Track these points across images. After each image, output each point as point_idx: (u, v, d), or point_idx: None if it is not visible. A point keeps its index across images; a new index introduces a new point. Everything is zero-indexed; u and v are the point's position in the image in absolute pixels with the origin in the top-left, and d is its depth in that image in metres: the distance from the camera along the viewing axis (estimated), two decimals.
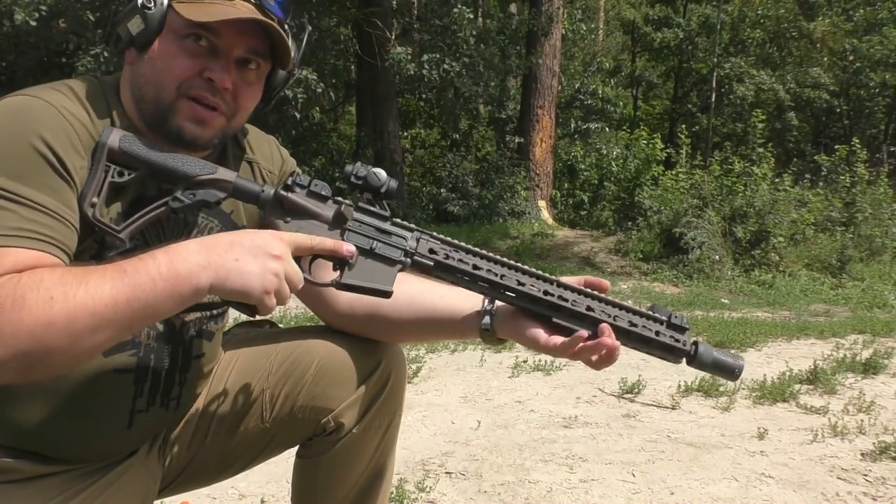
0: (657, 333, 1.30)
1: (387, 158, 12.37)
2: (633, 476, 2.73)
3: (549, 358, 1.39)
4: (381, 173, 1.25)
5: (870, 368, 4.31)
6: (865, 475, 2.77)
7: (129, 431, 1.29)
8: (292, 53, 1.29)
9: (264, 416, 1.42)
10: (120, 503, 1.28)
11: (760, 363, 4.55)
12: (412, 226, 1.29)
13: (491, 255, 1.30)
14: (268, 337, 1.49)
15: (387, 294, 1.25)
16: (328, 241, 1.21)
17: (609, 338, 1.24)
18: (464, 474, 2.70)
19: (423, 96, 16.05)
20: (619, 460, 2.87)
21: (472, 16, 11.60)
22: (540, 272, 1.31)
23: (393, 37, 11.18)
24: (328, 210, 1.25)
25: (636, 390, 3.78)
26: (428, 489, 2.53)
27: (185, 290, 1.05)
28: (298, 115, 10.30)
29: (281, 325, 1.61)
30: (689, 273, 9.41)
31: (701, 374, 2.85)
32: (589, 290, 1.30)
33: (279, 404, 1.40)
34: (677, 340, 1.30)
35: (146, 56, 1.21)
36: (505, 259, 1.30)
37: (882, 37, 18.72)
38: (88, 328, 1.00)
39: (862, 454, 2.98)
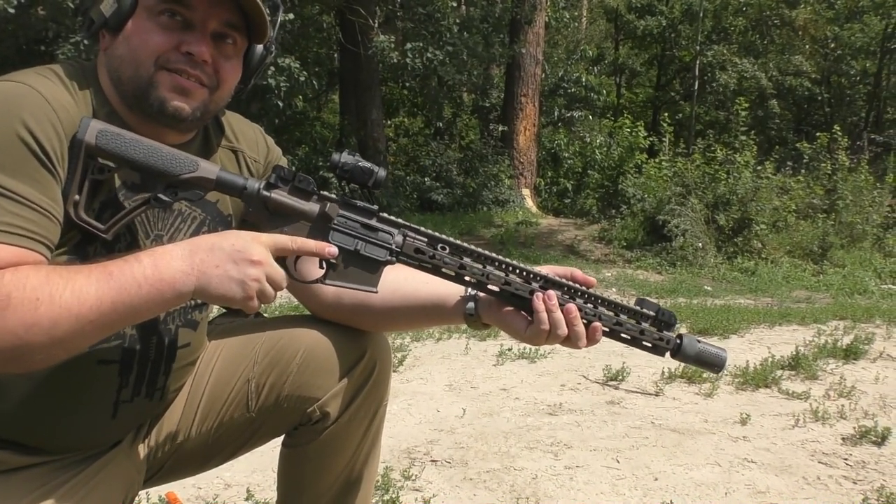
0: (641, 332, 1.32)
1: (370, 147, 12.33)
2: (618, 462, 2.75)
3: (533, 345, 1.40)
4: (369, 164, 1.24)
5: (850, 354, 4.36)
6: (846, 459, 2.81)
7: (114, 422, 1.28)
8: (268, 26, 1.28)
9: (250, 405, 1.41)
10: (104, 494, 1.28)
11: (743, 349, 4.59)
12: (399, 221, 1.28)
13: (478, 250, 1.29)
14: (253, 326, 1.49)
15: (371, 292, 1.27)
16: (310, 243, 1.20)
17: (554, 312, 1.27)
18: (449, 462, 2.71)
19: (407, 84, 15.96)
20: (604, 447, 2.89)
21: (455, 3, 11.52)
22: (528, 267, 1.31)
23: (376, 25, 11.11)
24: (313, 207, 1.24)
25: (620, 377, 3.80)
26: (414, 477, 2.53)
27: (168, 295, 1.07)
28: (281, 104, 10.23)
29: (266, 315, 1.60)
30: (673, 260, 9.45)
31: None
32: (577, 286, 1.31)
33: (265, 394, 1.40)
34: (661, 339, 1.33)
35: (120, 37, 1.20)
36: (493, 255, 1.30)
37: (863, 24, 18.80)
38: (72, 329, 1.01)
39: (843, 438, 3.01)
